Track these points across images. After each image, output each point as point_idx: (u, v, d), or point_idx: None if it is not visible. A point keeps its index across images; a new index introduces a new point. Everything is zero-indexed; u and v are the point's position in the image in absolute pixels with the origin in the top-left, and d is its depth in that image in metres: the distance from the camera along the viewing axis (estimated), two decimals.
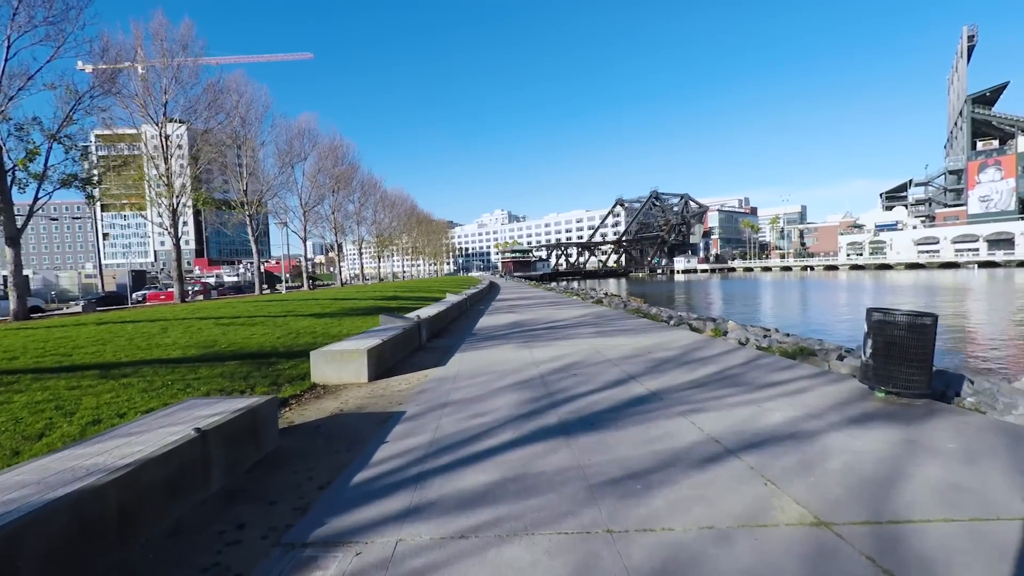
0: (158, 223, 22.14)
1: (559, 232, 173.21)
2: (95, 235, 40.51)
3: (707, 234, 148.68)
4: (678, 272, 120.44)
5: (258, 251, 29.23)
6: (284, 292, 32.55)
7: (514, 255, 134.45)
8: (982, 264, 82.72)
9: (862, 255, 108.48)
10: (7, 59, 14.23)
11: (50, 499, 2.19)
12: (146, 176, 20.13)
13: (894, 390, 5.01)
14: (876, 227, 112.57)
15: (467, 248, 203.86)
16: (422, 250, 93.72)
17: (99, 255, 40.38)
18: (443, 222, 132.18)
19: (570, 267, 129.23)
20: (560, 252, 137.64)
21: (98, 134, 23.16)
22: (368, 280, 74.62)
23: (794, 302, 33.99)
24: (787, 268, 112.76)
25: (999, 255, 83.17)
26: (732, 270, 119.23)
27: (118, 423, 4.22)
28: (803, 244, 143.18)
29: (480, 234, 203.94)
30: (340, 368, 6.30)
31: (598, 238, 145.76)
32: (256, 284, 28.97)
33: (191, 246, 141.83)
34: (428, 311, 11.78)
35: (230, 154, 28.44)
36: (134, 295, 33.36)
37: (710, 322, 14.73)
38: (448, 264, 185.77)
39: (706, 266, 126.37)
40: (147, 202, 22.33)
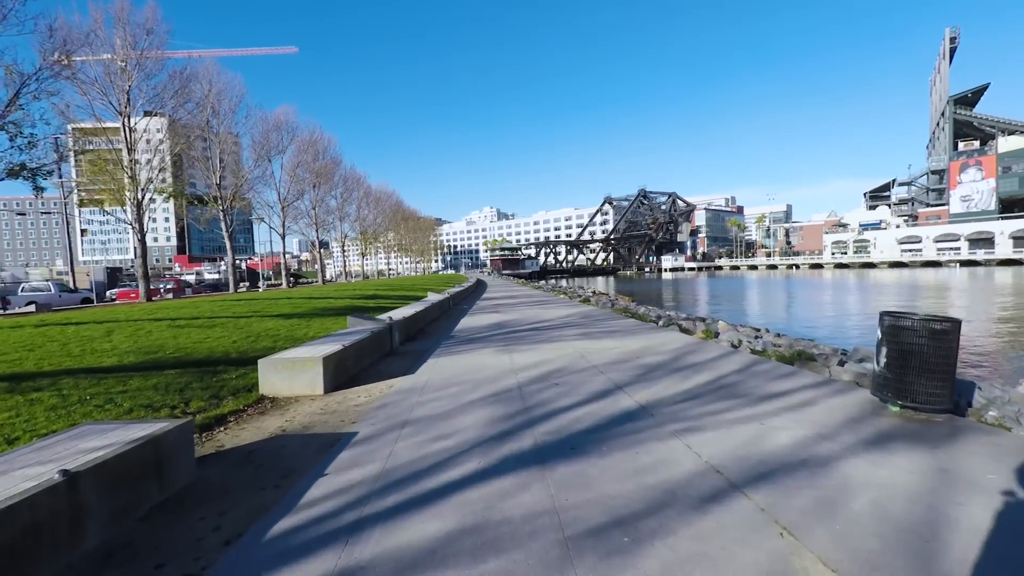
0: (122, 218, 21.05)
1: (548, 230, 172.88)
2: (66, 231, 38.89)
3: (694, 232, 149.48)
4: (666, 270, 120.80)
5: (232, 248, 28.12)
6: (262, 290, 31.45)
7: (503, 253, 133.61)
8: (963, 263, 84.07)
9: (846, 254, 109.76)
10: None
11: None
12: (105, 168, 19.05)
13: (911, 404, 4.46)
14: (860, 226, 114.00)
15: (456, 246, 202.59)
16: (409, 247, 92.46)
17: (70, 251, 38.72)
18: (430, 219, 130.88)
19: (559, 265, 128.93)
20: (549, 250, 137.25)
21: (75, 128, 22.05)
22: (353, 278, 73.38)
23: (781, 301, 33.86)
24: (773, 267, 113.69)
25: (980, 254, 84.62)
26: (719, 268, 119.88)
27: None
28: (789, 243, 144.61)
29: (469, 232, 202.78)
30: (292, 379, 5.59)
31: (587, 236, 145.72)
32: (231, 282, 27.86)
33: (172, 243, 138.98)
34: (404, 312, 11.08)
35: (201, 146, 27.27)
36: (107, 293, 32.02)
37: (700, 322, 14.24)
38: (437, 262, 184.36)
39: (693, 264, 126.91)
40: (125, 196, 21.21)
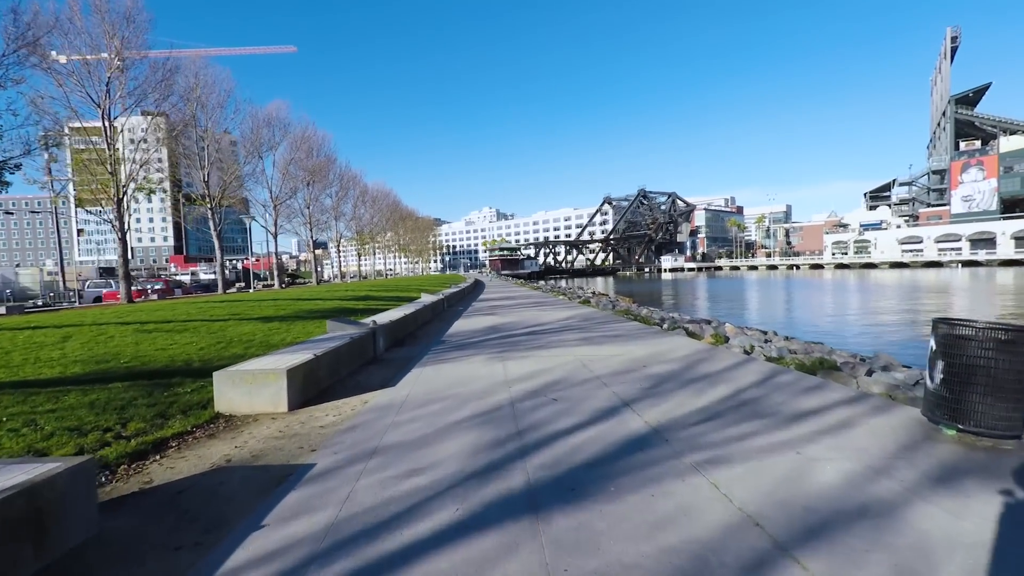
0: (105, 217, 20.34)
1: (547, 230, 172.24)
2: (56, 230, 38.10)
3: (694, 233, 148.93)
4: (665, 271, 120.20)
5: (221, 248, 27.34)
6: (253, 291, 30.75)
7: (502, 253, 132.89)
8: (965, 263, 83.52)
9: (847, 254, 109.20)
10: None
11: None
12: (83, 163, 18.33)
13: (972, 429, 3.78)
14: (861, 226, 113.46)
15: (455, 246, 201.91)
16: (407, 248, 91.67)
17: (60, 251, 38.01)
18: (429, 219, 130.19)
19: (558, 265, 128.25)
20: (548, 250, 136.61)
21: (72, 127, 21.40)
22: (350, 278, 72.61)
23: (784, 302, 33.22)
24: (773, 267, 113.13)
25: (981, 254, 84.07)
26: (719, 269, 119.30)
27: None
28: (789, 243, 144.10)
29: (468, 232, 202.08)
30: (252, 394, 4.90)
31: (586, 236, 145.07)
32: (219, 283, 27.07)
33: (169, 243, 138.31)
34: (392, 315, 10.39)
35: (186, 142, 26.48)
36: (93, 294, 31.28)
37: (706, 326, 13.56)
38: (435, 262, 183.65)
39: (693, 265, 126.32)
40: (109, 194, 20.45)
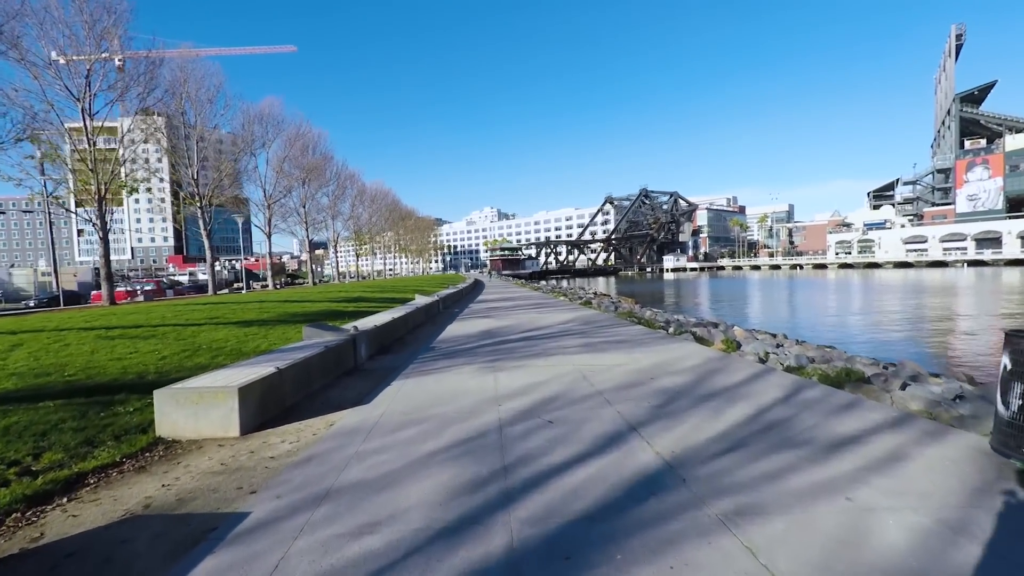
0: (86, 218, 19.69)
1: (548, 230, 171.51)
2: (49, 230, 37.52)
3: (696, 232, 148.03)
4: (667, 271, 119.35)
5: (211, 247, 26.62)
6: (245, 292, 30.11)
7: (502, 253, 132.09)
8: (971, 263, 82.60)
9: (850, 254, 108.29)
10: None
11: None
12: (58, 158, 17.66)
13: None
14: (865, 226, 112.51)
15: (456, 246, 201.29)
16: (407, 248, 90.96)
17: (52, 251, 37.41)
18: (429, 219, 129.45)
19: (559, 265, 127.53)
20: (549, 250, 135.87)
21: (71, 127, 20.86)
22: (348, 278, 71.99)
23: (790, 302, 32.47)
24: (776, 267, 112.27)
25: (987, 254, 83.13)
26: (721, 268, 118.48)
27: None
28: (792, 243, 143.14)
29: (469, 232, 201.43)
30: (198, 415, 4.22)
31: (587, 236, 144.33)
32: (210, 284, 26.36)
33: (170, 243, 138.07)
34: (379, 319, 9.71)
35: (176, 139, 25.68)
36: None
37: (714, 329, 12.86)
38: (436, 262, 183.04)
39: (695, 265, 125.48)
40: (90, 191, 19.86)
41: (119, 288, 29.85)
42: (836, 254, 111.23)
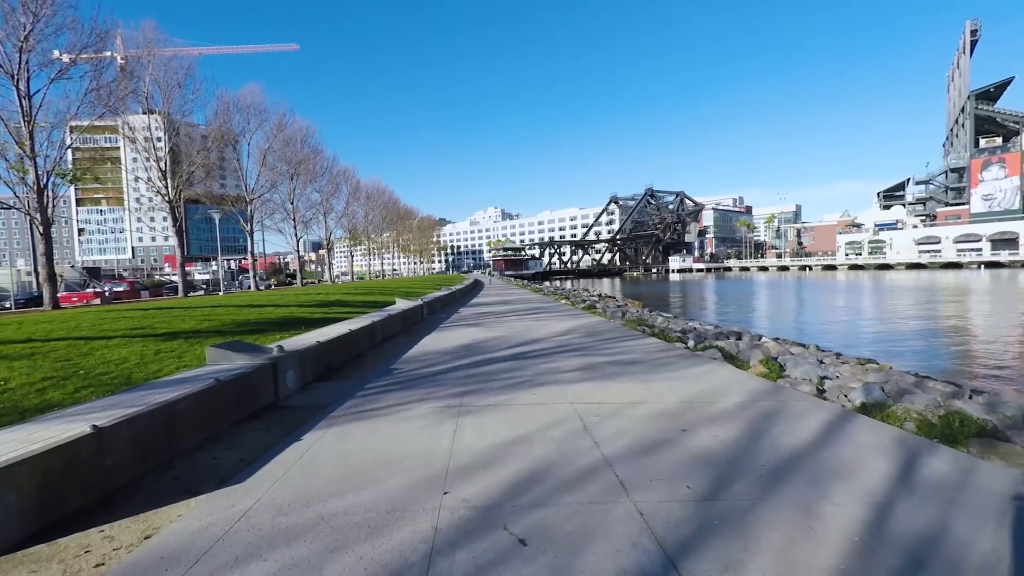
0: (22, 209, 17.97)
1: (552, 230, 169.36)
2: (29, 229, 35.87)
3: (702, 233, 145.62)
4: (673, 271, 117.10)
5: (182, 246, 24.72)
6: (222, 294, 28.32)
7: (505, 253, 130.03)
8: (987, 264, 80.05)
9: (861, 255, 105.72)
10: None
11: None
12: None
13: None
14: (876, 226, 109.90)
15: (459, 246, 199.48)
16: (408, 247, 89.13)
17: (33, 250, 35.71)
18: (431, 218, 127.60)
19: (563, 266, 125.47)
20: (553, 250, 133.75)
21: (73, 125, 19.30)
22: (341, 278, 70.20)
23: (806, 306, 30.40)
24: (784, 268, 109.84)
25: (1003, 255, 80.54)
26: (728, 270, 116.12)
27: None
28: (800, 243, 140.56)
29: (472, 232, 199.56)
30: None
31: (592, 236, 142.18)
32: (180, 285, 24.49)
33: (170, 242, 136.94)
34: (331, 332, 7.88)
35: (139, 128, 23.83)
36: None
37: (739, 341, 10.94)
38: (439, 262, 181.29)
39: (701, 265, 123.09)
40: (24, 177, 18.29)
41: (88, 289, 28.17)
42: (846, 255, 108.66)
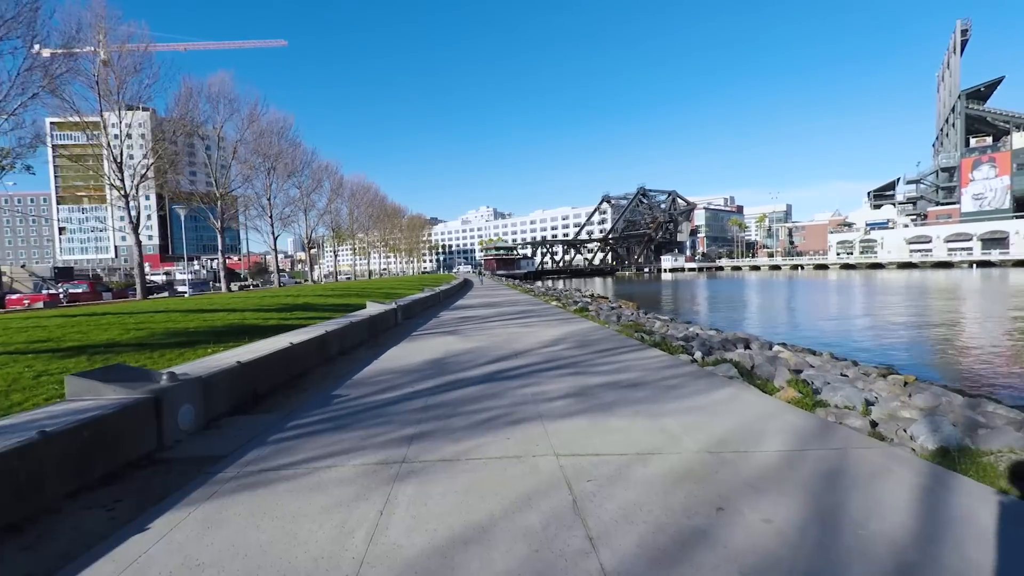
0: None
1: (545, 229, 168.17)
2: None
3: (694, 232, 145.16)
4: (665, 271, 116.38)
5: (139, 243, 23.00)
6: (189, 295, 26.60)
7: (497, 253, 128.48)
8: (978, 263, 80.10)
9: (852, 254, 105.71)
10: None
11: None
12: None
13: None
14: (867, 226, 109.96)
15: (450, 245, 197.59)
16: (397, 247, 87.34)
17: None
18: (421, 217, 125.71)
19: (555, 265, 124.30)
20: (545, 250, 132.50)
21: (53, 121, 17.59)
22: (324, 278, 68.39)
23: (801, 307, 29.44)
24: (776, 267, 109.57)
25: (994, 254, 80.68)
26: (720, 269, 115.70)
27: None
28: (792, 243, 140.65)
29: (464, 231, 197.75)
30: None
31: (584, 236, 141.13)
32: (138, 286, 22.74)
33: (155, 241, 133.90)
34: (272, 344, 6.51)
35: (90, 112, 22.08)
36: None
37: (750, 350, 9.70)
38: (429, 261, 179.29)
39: (693, 265, 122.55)
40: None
41: (45, 291, 26.40)
42: (837, 254, 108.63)
